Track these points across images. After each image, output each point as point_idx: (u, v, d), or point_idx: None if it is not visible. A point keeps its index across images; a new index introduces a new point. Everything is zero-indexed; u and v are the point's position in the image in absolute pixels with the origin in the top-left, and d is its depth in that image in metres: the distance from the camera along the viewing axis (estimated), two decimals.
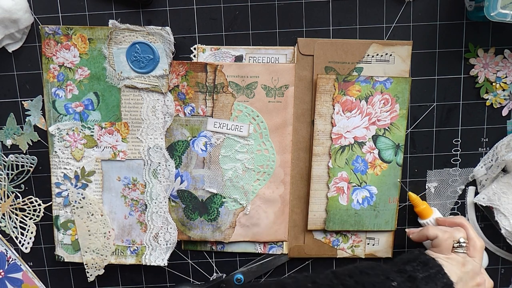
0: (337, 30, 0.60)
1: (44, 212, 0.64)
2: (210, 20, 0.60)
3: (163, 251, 0.63)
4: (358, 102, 0.60)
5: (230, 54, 0.60)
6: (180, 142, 0.62)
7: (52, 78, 0.60)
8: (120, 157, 0.62)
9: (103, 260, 0.64)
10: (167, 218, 0.63)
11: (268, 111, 0.61)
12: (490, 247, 0.65)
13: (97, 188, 0.63)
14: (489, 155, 0.63)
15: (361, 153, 0.61)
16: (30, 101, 0.62)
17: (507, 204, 0.60)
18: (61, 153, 0.62)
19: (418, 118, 0.62)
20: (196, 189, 0.63)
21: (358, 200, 0.63)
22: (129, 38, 0.59)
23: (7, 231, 0.65)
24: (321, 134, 0.61)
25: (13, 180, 0.63)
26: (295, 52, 0.60)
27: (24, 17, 0.58)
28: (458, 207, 0.65)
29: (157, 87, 0.60)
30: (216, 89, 0.60)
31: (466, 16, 0.60)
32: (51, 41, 0.59)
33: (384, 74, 0.60)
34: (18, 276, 0.65)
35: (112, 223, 0.63)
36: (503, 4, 0.51)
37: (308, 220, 0.63)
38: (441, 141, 0.63)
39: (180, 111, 0.61)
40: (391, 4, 0.60)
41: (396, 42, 0.60)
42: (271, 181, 0.62)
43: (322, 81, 0.60)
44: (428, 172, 0.64)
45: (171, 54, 0.59)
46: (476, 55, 0.61)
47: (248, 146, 0.62)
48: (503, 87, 0.61)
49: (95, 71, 0.60)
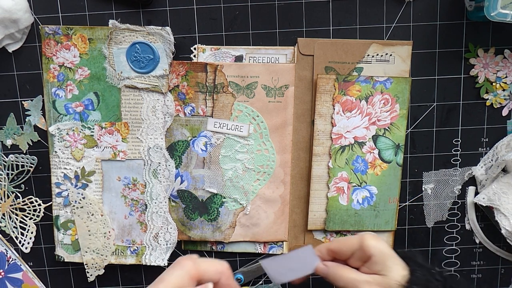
0: (337, 30, 0.60)
1: (44, 212, 0.64)
2: (210, 20, 0.60)
3: (163, 251, 0.63)
4: (358, 102, 0.60)
5: (230, 54, 0.60)
6: (180, 142, 0.62)
7: (52, 78, 0.60)
8: (120, 157, 0.62)
9: (103, 260, 0.64)
10: (167, 218, 0.63)
11: (268, 111, 0.61)
12: (490, 247, 0.65)
13: (97, 188, 0.63)
14: (489, 155, 0.63)
15: (361, 153, 0.61)
16: (30, 101, 0.62)
17: (507, 204, 0.60)
18: (61, 153, 0.62)
19: (418, 118, 0.62)
20: (196, 189, 0.63)
21: (358, 200, 0.63)
22: (129, 38, 0.59)
23: (7, 231, 0.65)
24: (321, 134, 0.61)
25: (13, 180, 0.63)
26: (295, 52, 0.60)
27: (24, 17, 0.58)
28: (458, 207, 0.65)
29: (157, 87, 0.60)
30: (216, 89, 0.60)
31: (466, 16, 0.60)
32: (51, 41, 0.59)
33: (384, 74, 0.60)
34: (18, 276, 0.65)
35: (112, 223, 0.63)
36: (503, 4, 0.51)
37: (308, 220, 0.63)
38: (441, 141, 0.63)
39: (180, 111, 0.61)
40: (391, 4, 0.60)
41: (396, 42, 0.60)
42: (271, 181, 0.62)
43: (322, 81, 0.60)
44: (424, 174, 0.64)
45: (171, 54, 0.59)
46: (476, 55, 0.61)
47: (248, 146, 0.62)
48: (503, 87, 0.61)
49: (95, 71, 0.60)
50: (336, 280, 0.48)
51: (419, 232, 0.65)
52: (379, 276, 0.46)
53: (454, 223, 0.65)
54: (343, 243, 0.49)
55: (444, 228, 0.65)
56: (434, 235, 0.65)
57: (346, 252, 0.49)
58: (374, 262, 0.46)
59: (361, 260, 0.48)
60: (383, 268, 0.46)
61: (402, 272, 0.45)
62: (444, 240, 0.65)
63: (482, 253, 0.66)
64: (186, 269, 0.38)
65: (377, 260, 0.46)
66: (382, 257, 0.46)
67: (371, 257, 0.47)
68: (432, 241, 0.65)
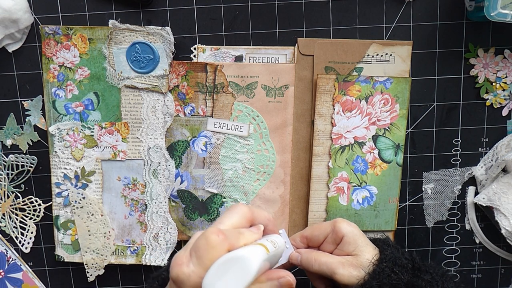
0: (337, 30, 0.60)
1: (44, 212, 0.64)
2: (210, 20, 0.60)
3: (163, 251, 0.63)
4: (358, 102, 0.60)
5: (230, 54, 0.60)
6: (180, 142, 0.62)
7: (52, 78, 0.60)
8: (120, 157, 0.62)
9: (103, 260, 0.64)
10: (167, 218, 0.63)
11: (268, 111, 0.61)
12: (490, 247, 0.65)
13: (97, 188, 0.63)
14: (489, 155, 0.63)
15: (361, 153, 0.61)
16: (30, 101, 0.62)
17: (507, 204, 0.60)
18: (61, 153, 0.62)
19: (418, 118, 0.62)
20: (196, 189, 0.63)
21: (358, 200, 0.63)
22: (129, 38, 0.59)
23: (7, 231, 0.65)
24: (321, 134, 0.61)
25: (13, 180, 0.63)
26: (295, 52, 0.60)
27: (24, 17, 0.58)
28: (458, 207, 0.65)
29: (157, 87, 0.60)
30: (216, 89, 0.60)
31: (466, 16, 0.60)
32: (51, 41, 0.59)
33: (384, 74, 0.60)
34: (18, 276, 0.65)
35: (112, 223, 0.63)
36: (503, 4, 0.51)
37: (308, 220, 0.63)
38: (441, 141, 0.63)
39: (180, 111, 0.61)
40: (391, 4, 0.60)
41: (396, 42, 0.60)
42: (271, 181, 0.62)
43: (322, 81, 0.60)
44: (424, 174, 0.64)
45: (171, 54, 0.59)
46: (476, 55, 0.61)
47: (248, 146, 0.62)
48: (503, 87, 0.61)
49: (95, 71, 0.60)
50: (310, 265, 0.49)
51: (419, 232, 0.65)
52: (351, 256, 0.48)
53: (454, 223, 0.65)
54: (316, 228, 0.52)
55: (444, 228, 0.65)
56: (434, 235, 0.65)
57: (319, 237, 0.51)
58: (347, 243, 0.49)
59: (334, 243, 0.50)
60: (355, 248, 0.48)
61: (373, 252, 0.48)
62: (444, 240, 0.65)
63: (482, 253, 0.66)
64: (242, 212, 0.42)
65: (349, 241, 0.49)
66: (353, 238, 0.49)
67: (343, 238, 0.49)
68: (432, 241, 0.65)
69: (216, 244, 0.36)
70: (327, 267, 0.48)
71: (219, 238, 0.36)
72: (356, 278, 0.46)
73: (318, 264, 0.49)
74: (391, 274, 0.46)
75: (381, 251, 0.48)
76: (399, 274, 0.45)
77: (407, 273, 0.46)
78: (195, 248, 0.37)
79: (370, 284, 0.45)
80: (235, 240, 0.38)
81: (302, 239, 0.52)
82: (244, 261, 0.35)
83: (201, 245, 0.36)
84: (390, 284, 0.45)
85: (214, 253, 0.35)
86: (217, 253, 0.35)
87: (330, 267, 0.48)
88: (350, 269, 0.47)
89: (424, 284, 0.45)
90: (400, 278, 0.45)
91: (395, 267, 0.46)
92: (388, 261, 0.47)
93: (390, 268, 0.46)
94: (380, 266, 0.46)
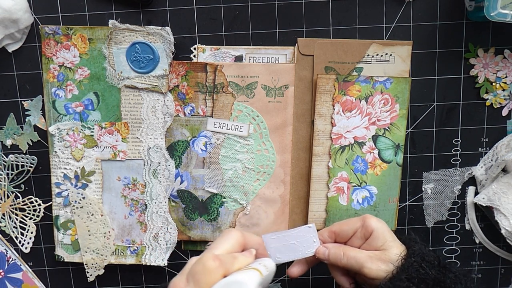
0: (337, 30, 0.60)
1: (44, 212, 0.64)
2: (210, 20, 0.60)
3: (163, 251, 0.63)
4: (358, 102, 0.60)
5: (230, 54, 0.60)
6: (180, 142, 0.62)
7: (52, 78, 0.60)
8: (120, 157, 0.62)
9: (103, 260, 0.64)
10: (167, 218, 0.63)
11: (268, 111, 0.61)
12: (490, 247, 0.65)
13: (97, 188, 0.63)
14: (489, 155, 0.63)
15: (361, 153, 0.61)
16: (30, 101, 0.62)
17: (507, 204, 0.60)
18: (61, 153, 0.62)
19: (418, 118, 0.62)
20: (196, 189, 0.63)
21: (358, 200, 0.63)
22: (129, 38, 0.59)
23: (7, 231, 0.65)
24: (321, 134, 0.61)
25: (13, 180, 0.63)
26: (295, 52, 0.60)
27: (24, 17, 0.58)
28: (458, 207, 0.65)
29: (157, 87, 0.60)
30: (216, 89, 0.60)
31: (466, 16, 0.60)
32: (51, 41, 0.59)
33: (384, 74, 0.60)
34: (18, 276, 0.65)
35: (112, 223, 0.63)
36: (503, 4, 0.51)
37: (308, 220, 0.63)
38: (441, 141, 0.63)
39: (180, 111, 0.61)
40: (391, 4, 0.60)
41: (396, 42, 0.60)
42: (271, 181, 0.62)
43: (322, 81, 0.60)
44: (424, 174, 0.64)
45: (171, 54, 0.59)
46: (476, 55, 0.61)
47: (248, 146, 0.62)
48: (503, 87, 0.61)
49: (95, 71, 0.60)
50: (338, 260, 0.49)
51: (419, 232, 0.65)
52: (380, 251, 0.49)
53: (454, 223, 0.65)
54: (345, 223, 0.52)
55: (444, 228, 0.65)
56: (434, 235, 0.65)
57: (348, 231, 0.51)
58: (376, 238, 0.49)
59: (362, 238, 0.50)
60: (384, 243, 0.49)
61: (400, 247, 0.49)
62: (444, 240, 0.65)
63: (482, 253, 0.66)
64: (235, 237, 0.44)
65: (378, 236, 0.49)
66: (383, 233, 0.49)
67: (373, 233, 0.49)
68: (432, 241, 0.65)
69: (213, 269, 0.38)
70: (356, 261, 0.48)
71: (215, 263, 0.38)
72: (384, 272, 0.47)
73: (346, 258, 0.49)
74: (419, 269, 0.46)
75: (408, 247, 0.49)
76: (426, 269, 0.46)
77: (434, 269, 0.47)
78: (192, 273, 0.39)
79: (399, 277, 0.46)
80: (230, 265, 0.40)
81: (330, 234, 0.52)
82: (241, 285, 0.37)
83: (198, 270, 0.38)
84: (418, 278, 0.46)
85: (211, 278, 0.38)
86: (214, 278, 0.38)
87: (359, 261, 0.48)
88: (378, 263, 0.48)
89: (449, 281, 0.46)
90: (427, 273, 0.46)
91: (423, 262, 0.47)
92: (417, 256, 0.47)
93: (418, 263, 0.47)
94: (408, 261, 0.47)
